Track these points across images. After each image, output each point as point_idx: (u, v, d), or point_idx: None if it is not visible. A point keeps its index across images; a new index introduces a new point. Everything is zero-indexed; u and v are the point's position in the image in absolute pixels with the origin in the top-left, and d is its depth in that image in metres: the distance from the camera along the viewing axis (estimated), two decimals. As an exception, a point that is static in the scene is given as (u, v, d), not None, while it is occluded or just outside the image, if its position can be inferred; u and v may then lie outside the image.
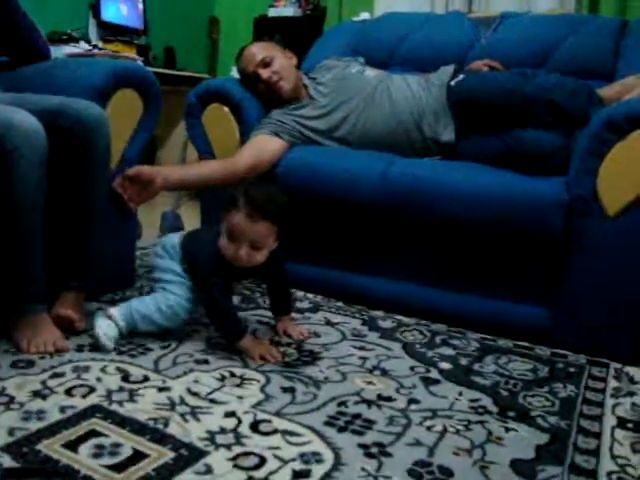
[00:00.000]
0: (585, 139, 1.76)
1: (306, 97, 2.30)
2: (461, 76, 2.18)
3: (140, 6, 4.16)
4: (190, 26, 4.64)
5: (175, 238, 1.73)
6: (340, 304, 2.07)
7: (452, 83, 2.17)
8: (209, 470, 1.10)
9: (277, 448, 1.19)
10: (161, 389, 1.40)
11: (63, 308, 1.71)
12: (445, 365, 1.65)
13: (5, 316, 1.61)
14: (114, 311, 1.64)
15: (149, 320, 1.65)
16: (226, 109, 2.26)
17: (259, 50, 2.29)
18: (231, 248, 1.57)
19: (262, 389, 1.44)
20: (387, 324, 1.94)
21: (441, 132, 2.12)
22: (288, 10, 4.31)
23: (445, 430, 1.31)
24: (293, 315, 1.87)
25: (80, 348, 1.60)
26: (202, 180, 2.08)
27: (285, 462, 1.15)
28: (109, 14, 3.93)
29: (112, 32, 3.96)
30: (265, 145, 2.14)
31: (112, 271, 2.00)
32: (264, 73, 2.26)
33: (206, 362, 1.56)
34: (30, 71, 1.98)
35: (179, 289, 1.66)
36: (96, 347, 1.60)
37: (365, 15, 3.15)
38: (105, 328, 1.61)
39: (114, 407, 1.31)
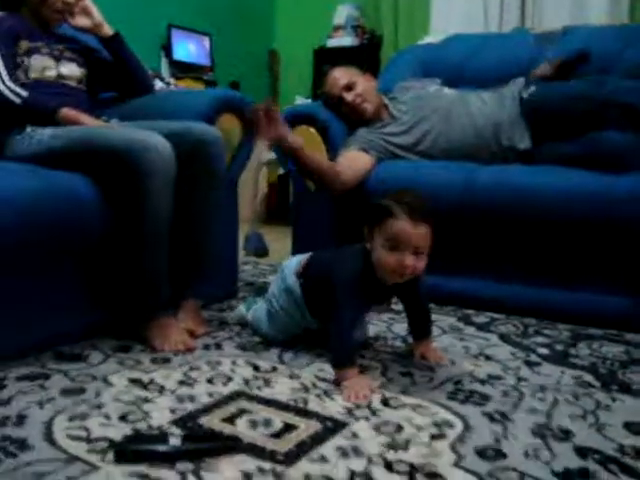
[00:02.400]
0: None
1: (388, 116, 2.47)
2: (532, 87, 2.32)
3: (207, 45, 4.41)
4: (252, 60, 4.90)
5: (293, 264, 1.74)
6: (432, 305, 2.20)
7: (524, 95, 2.31)
8: (356, 436, 1.24)
9: (411, 418, 1.33)
10: (292, 376, 1.55)
11: (184, 315, 1.88)
12: (543, 350, 1.78)
13: (136, 322, 1.79)
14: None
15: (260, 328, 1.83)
16: (313, 130, 2.43)
17: (342, 75, 2.48)
18: (393, 259, 1.46)
19: (383, 374, 1.58)
20: (481, 319, 2.07)
21: (518, 141, 2.26)
22: (346, 40, 4.53)
23: (556, 401, 1.43)
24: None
25: (207, 347, 1.76)
26: (314, 163, 2.21)
27: (421, 428, 1.28)
28: (179, 53, 4.20)
29: (182, 69, 4.23)
30: (359, 160, 2.31)
31: (220, 282, 2.18)
32: (348, 96, 2.44)
33: (323, 355, 1.69)
34: (141, 102, 2.19)
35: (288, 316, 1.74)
36: (220, 346, 1.77)
37: (430, 39, 3.32)
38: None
39: (255, 392, 1.46)
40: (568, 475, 1.11)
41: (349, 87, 2.45)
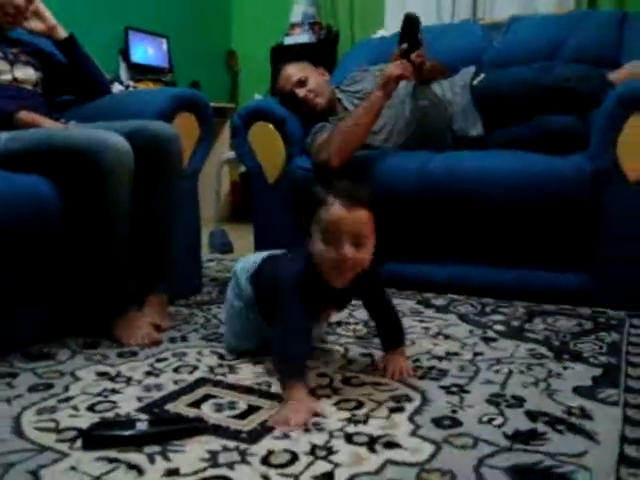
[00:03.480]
0: (602, 116, 1.97)
1: (341, 109, 2.53)
2: (482, 75, 2.39)
3: (164, 47, 4.43)
4: (211, 61, 4.93)
5: (246, 269, 1.60)
6: (393, 290, 2.26)
7: (475, 82, 2.39)
8: (317, 413, 1.28)
9: (370, 394, 1.38)
10: (256, 363, 1.59)
11: (150, 309, 1.91)
12: (499, 327, 1.85)
13: (102, 318, 1.82)
14: None
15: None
16: (270, 126, 2.48)
17: (295, 71, 2.53)
18: (331, 251, 1.30)
19: (343, 356, 1.63)
20: (440, 302, 2.14)
21: (470, 128, 2.33)
22: (303, 37, 4.57)
23: (510, 372, 1.50)
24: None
25: (173, 340, 1.80)
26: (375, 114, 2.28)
27: (380, 403, 1.33)
28: (137, 56, 4.21)
29: (141, 72, 4.23)
30: None
31: (184, 278, 2.21)
32: (300, 92, 2.49)
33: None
34: (99, 104, 2.22)
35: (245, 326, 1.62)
36: (186, 338, 1.81)
37: (382, 32, 3.38)
38: None
39: (219, 378, 1.50)
40: (518, 436, 1.17)
41: (301, 82, 2.50)
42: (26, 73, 2.11)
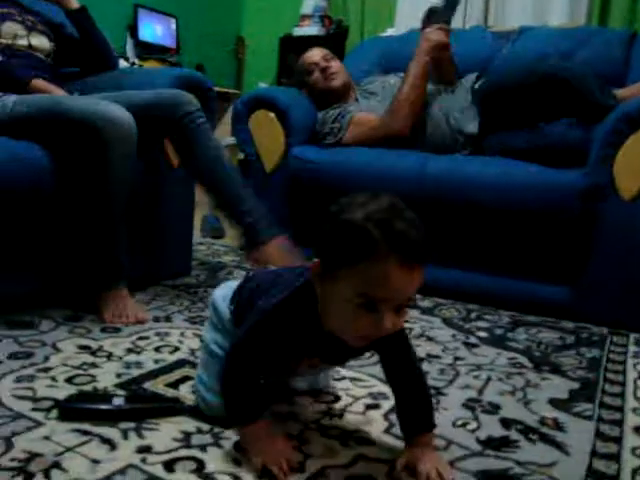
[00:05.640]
0: (602, 132, 1.97)
1: (352, 99, 2.60)
2: (483, 79, 2.44)
3: (173, 26, 4.42)
4: (218, 45, 4.92)
5: (227, 296, 1.21)
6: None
7: (476, 86, 2.41)
8: (294, 403, 1.29)
9: (348, 389, 1.39)
10: (237, 348, 1.60)
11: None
12: (482, 334, 1.86)
13: (91, 292, 1.82)
14: None
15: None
16: (272, 114, 2.48)
17: (319, 50, 2.67)
18: (367, 319, 0.91)
19: (325, 348, 1.64)
20: (425, 304, 2.14)
21: (466, 124, 2.36)
22: (312, 29, 4.58)
23: (489, 379, 1.50)
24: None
25: (157, 319, 1.80)
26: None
27: (357, 399, 1.34)
28: (145, 34, 4.20)
29: (147, 50, 4.23)
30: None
31: (174, 259, 2.21)
32: (322, 62, 2.61)
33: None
34: (103, 78, 2.21)
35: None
36: (170, 319, 1.81)
37: (391, 31, 3.38)
38: None
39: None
40: (490, 442, 1.18)
41: (326, 58, 2.64)
42: (42, 42, 2.11)
